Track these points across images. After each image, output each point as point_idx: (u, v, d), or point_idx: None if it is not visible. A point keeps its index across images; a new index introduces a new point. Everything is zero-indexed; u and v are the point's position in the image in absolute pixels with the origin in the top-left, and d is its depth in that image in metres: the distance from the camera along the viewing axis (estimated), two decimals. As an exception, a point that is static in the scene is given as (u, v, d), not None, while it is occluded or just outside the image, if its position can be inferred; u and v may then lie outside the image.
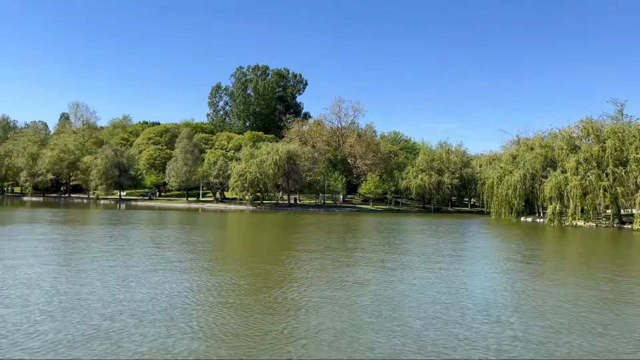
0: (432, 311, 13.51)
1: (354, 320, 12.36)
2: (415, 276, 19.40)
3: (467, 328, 11.99)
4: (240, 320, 12.09)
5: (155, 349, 9.75)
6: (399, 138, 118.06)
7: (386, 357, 9.79)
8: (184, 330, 11.12)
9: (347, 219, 60.60)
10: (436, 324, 12.26)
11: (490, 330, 11.98)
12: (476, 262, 24.77)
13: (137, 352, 9.54)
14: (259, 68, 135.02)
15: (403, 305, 14.24)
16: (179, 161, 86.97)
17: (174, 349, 9.81)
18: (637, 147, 52.86)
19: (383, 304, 14.21)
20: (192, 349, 9.89)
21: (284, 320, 12.19)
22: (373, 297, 15.09)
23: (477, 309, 13.97)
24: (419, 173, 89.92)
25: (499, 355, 10.18)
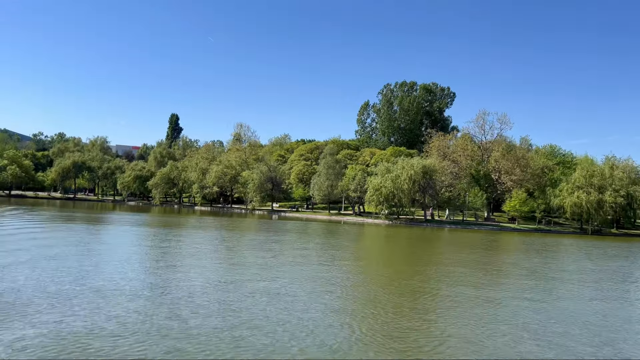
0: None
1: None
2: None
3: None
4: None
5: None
6: (555, 152, 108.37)
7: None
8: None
9: (478, 237, 58.77)
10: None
11: None
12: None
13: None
14: (406, 84, 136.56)
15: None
16: (322, 176, 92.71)
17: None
18: None
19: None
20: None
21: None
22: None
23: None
24: (574, 190, 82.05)
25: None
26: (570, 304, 18.87)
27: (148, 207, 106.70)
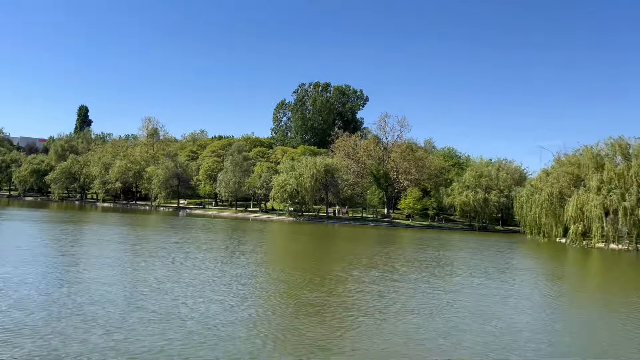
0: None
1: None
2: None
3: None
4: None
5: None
6: (452, 154, 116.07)
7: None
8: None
9: (368, 232, 62.23)
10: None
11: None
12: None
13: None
14: (320, 85, 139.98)
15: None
16: (229, 173, 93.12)
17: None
18: (664, 167, 49.26)
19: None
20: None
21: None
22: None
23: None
24: (464, 190, 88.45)
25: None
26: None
27: (46, 202, 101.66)
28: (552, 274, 32.58)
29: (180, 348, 11.25)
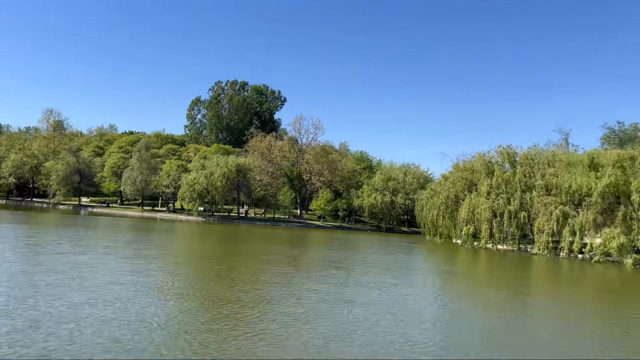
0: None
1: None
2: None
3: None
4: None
5: None
6: (364, 157, 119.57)
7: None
8: None
9: (277, 233, 62.32)
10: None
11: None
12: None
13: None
14: (237, 83, 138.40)
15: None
16: (135, 170, 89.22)
17: None
18: (543, 175, 54.03)
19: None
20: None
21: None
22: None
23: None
24: (373, 192, 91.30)
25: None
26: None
27: None
28: (434, 271, 34.58)
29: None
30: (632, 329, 18.67)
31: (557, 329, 17.63)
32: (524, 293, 26.36)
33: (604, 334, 17.48)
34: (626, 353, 14.98)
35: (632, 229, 44.51)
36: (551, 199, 51.14)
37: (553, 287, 31.77)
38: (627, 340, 16.74)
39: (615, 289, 32.48)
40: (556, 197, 51.02)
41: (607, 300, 26.64)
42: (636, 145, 52.68)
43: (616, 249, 43.66)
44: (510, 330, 17.15)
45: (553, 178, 52.27)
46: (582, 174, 48.84)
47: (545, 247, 50.05)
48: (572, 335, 17.15)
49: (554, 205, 50.39)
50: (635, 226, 44.52)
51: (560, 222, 49.39)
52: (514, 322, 18.33)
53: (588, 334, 17.44)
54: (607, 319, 20.40)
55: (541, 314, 20.68)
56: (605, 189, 45.68)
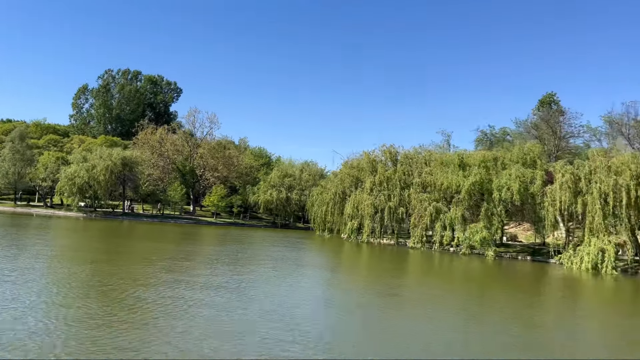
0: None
1: None
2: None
3: None
4: None
5: None
6: (263, 154, 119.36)
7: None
8: None
9: (163, 230, 59.87)
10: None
11: None
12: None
13: None
14: (129, 72, 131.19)
15: None
16: (7, 161, 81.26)
17: None
18: (420, 173, 57.53)
19: None
20: None
21: None
22: None
23: None
24: (269, 188, 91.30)
25: None
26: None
27: None
28: (311, 264, 35.27)
29: None
30: (475, 314, 20.32)
31: (413, 313, 18.72)
32: (389, 283, 27.72)
33: (445, 316, 18.84)
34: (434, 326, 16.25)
35: (493, 224, 48.90)
36: (426, 196, 54.57)
37: (416, 275, 33.84)
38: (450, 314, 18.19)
39: (471, 277, 35.36)
40: (431, 194, 54.53)
41: (463, 288, 28.89)
42: (500, 148, 58.02)
43: (479, 242, 47.63)
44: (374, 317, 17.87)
45: (428, 176, 55.81)
46: (453, 172, 52.71)
47: (419, 241, 53.30)
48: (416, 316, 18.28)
49: (428, 202, 53.82)
50: (495, 221, 48.94)
51: (433, 217, 52.86)
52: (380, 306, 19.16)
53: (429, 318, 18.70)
54: (454, 305, 22.07)
55: (404, 298, 21.88)
56: (471, 186, 49.66)
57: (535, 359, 13.75)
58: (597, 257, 40.27)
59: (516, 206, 49.89)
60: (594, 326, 20.46)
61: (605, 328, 20.16)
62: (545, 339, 16.54)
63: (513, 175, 47.52)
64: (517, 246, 59.00)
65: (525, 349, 14.93)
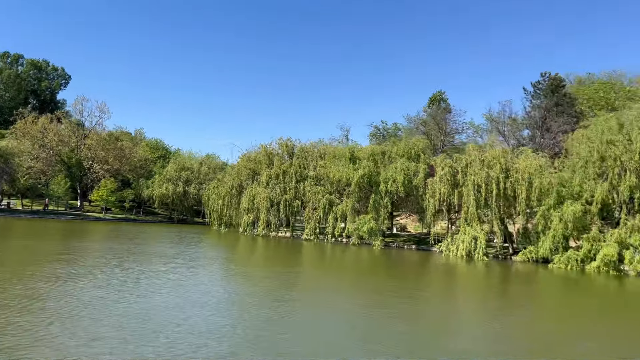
0: None
1: None
2: None
3: None
4: None
5: None
6: (159, 146, 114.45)
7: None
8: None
9: (43, 227, 55.02)
10: None
11: None
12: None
13: None
14: (9, 55, 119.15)
15: None
16: None
17: None
18: (315, 166, 58.45)
19: None
20: None
21: None
22: None
23: None
24: (165, 182, 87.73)
25: None
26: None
27: None
28: (200, 259, 34.30)
29: None
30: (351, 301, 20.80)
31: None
32: (275, 274, 27.64)
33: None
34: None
35: (380, 215, 50.98)
36: (320, 189, 55.54)
37: (303, 265, 34.23)
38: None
39: (349, 266, 36.50)
40: (324, 187, 55.59)
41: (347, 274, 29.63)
42: (388, 142, 60.56)
43: (366, 232, 49.41)
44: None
45: (322, 169, 56.83)
46: (344, 165, 54.15)
47: (313, 233, 54.18)
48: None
49: (321, 194, 54.81)
50: (382, 212, 51.07)
51: (326, 209, 53.96)
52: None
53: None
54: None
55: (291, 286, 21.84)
56: (360, 179, 51.34)
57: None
58: (471, 244, 43.54)
59: (401, 198, 52.42)
60: (450, 309, 21.95)
61: (466, 306, 21.74)
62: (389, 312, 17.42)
63: (398, 168, 49.84)
64: (405, 236, 62.16)
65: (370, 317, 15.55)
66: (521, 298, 25.74)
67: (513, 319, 19.33)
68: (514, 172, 44.76)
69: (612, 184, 39.21)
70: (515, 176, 44.39)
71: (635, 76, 73.40)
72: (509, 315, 20.27)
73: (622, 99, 62.16)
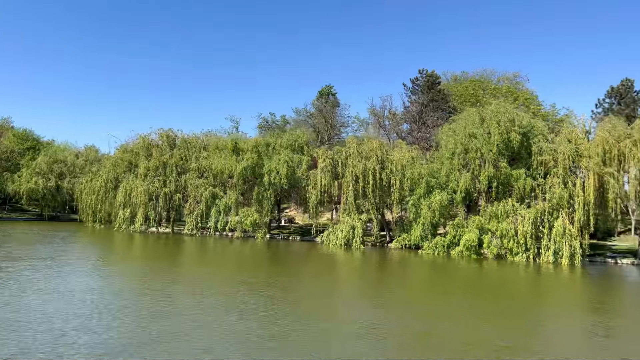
0: None
1: None
2: None
3: None
4: None
5: None
6: (29, 137, 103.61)
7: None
8: None
9: None
10: None
11: None
12: None
13: None
14: None
15: None
16: None
17: None
18: (197, 158, 56.38)
19: None
20: None
21: None
22: None
23: None
24: (34, 176, 79.52)
25: None
26: None
27: None
28: (64, 260, 31.18)
29: None
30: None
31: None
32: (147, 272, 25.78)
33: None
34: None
35: (264, 207, 50.52)
36: (203, 181, 53.67)
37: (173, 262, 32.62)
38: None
39: (224, 260, 35.61)
40: (207, 180, 53.80)
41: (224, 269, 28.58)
42: (272, 134, 60.15)
43: (250, 225, 48.71)
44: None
45: (205, 161, 54.96)
46: (227, 157, 52.82)
47: (195, 227, 52.28)
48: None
49: (204, 187, 53.00)
50: (266, 204, 50.64)
51: (209, 202, 52.29)
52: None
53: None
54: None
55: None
56: (243, 171, 50.43)
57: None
58: (349, 234, 44.69)
59: (286, 189, 52.41)
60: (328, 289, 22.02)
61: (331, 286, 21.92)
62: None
63: (282, 160, 49.65)
64: (292, 228, 62.44)
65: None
66: (379, 283, 26.72)
67: (369, 301, 19.82)
68: (389, 164, 46.62)
69: (474, 174, 42.31)
70: (390, 167, 46.26)
71: (502, 75, 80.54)
72: (366, 298, 20.77)
73: (489, 96, 67.65)
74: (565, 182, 38.53)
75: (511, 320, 18.07)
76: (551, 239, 37.35)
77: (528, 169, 41.28)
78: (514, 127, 41.10)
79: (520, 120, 41.65)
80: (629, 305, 23.45)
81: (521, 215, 39.00)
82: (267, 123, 75.68)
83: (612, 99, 66.55)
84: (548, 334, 15.93)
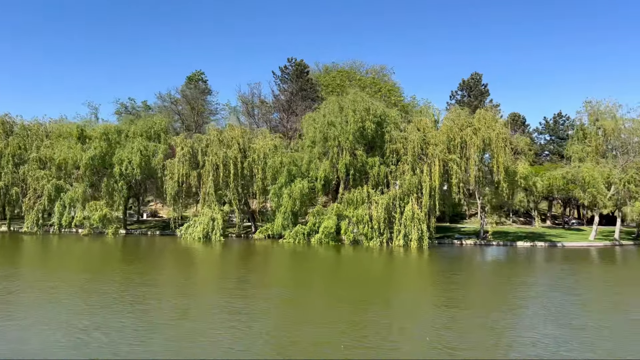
0: None
1: None
2: None
3: None
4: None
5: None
6: None
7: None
8: None
9: None
10: None
11: None
12: None
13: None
14: None
15: None
16: None
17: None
18: (38, 147, 50.15)
19: None
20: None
21: None
22: None
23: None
24: None
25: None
26: None
27: None
28: None
29: None
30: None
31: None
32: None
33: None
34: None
35: (115, 200, 46.45)
36: (45, 173, 47.83)
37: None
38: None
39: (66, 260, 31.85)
40: (50, 171, 48.06)
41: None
42: (125, 120, 55.57)
43: (98, 220, 44.45)
44: None
45: (47, 150, 49.05)
46: (73, 145, 47.62)
47: (36, 224, 46.53)
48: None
49: (47, 179, 47.27)
50: (117, 197, 46.61)
51: (53, 196, 46.78)
52: None
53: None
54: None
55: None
56: (90, 161, 45.78)
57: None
58: (209, 226, 42.69)
59: (140, 180, 48.72)
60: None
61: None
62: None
63: (135, 149, 45.90)
64: (153, 222, 58.64)
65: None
66: (238, 272, 25.51)
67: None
68: (252, 152, 45.35)
69: (332, 162, 42.70)
70: (252, 156, 45.00)
71: (370, 67, 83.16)
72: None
73: (354, 87, 69.23)
74: (414, 168, 40.41)
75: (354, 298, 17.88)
76: (402, 223, 38.98)
77: (382, 157, 42.66)
78: (369, 115, 42.07)
79: (375, 110, 42.73)
80: (463, 280, 24.84)
81: (375, 201, 40.20)
82: (126, 109, 69.98)
83: (463, 92, 72.11)
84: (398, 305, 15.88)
